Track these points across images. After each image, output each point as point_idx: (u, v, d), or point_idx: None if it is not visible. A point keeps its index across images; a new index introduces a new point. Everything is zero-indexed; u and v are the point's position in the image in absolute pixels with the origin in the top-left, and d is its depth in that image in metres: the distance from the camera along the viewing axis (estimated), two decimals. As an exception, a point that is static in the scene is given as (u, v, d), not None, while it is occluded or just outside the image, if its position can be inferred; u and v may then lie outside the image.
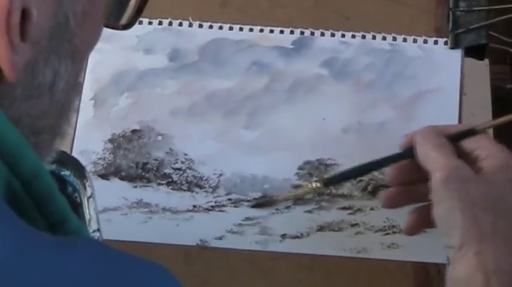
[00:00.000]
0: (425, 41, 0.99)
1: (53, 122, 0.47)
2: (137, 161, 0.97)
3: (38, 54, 0.42)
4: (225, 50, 1.01)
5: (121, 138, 0.98)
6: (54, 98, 0.45)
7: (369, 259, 0.92)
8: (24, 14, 0.40)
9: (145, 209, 0.95)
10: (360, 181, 0.95)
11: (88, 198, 0.83)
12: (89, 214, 0.82)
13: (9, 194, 0.42)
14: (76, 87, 0.47)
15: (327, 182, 0.88)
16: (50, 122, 0.46)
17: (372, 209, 0.94)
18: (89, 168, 0.97)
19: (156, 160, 0.97)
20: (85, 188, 0.83)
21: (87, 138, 0.98)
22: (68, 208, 0.48)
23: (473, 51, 1.00)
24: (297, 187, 0.95)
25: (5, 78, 0.40)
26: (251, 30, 1.01)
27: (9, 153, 0.41)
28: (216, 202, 0.95)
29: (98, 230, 0.83)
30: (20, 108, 0.43)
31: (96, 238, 0.83)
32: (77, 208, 0.82)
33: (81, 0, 0.45)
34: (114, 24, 0.51)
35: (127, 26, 0.52)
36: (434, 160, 0.75)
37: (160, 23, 1.02)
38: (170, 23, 1.02)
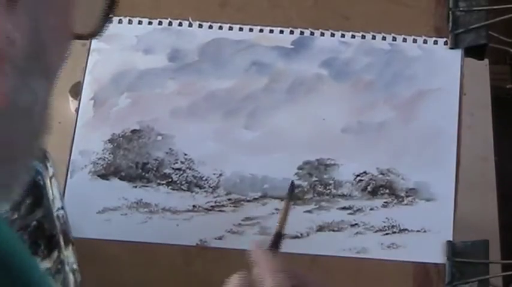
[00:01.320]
0: (425, 41, 0.99)
1: (27, 146, 0.45)
2: (137, 161, 0.97)
3: (17, 77, 0.40)
4: (225, 50, 1.01)
5: (121, 138, 0.98)
6: (32, 121, 0.43)
7: (369, 259, 0.92)
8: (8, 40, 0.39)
9: (145, 209, 0.95)
10: (360, 181, 0.95)
11: (50, 178, 0.84)
12: (52, 193, 0.84)
13: None
14: (49, 107, 0.46)
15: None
16: (24, 145, 0.44)
17: (371, 209, 0.94)
18: (89, 168, 0.97)
19: (156, 160, 0.97)
20: (47, 169, 0.84)
21: (87, 138, 0.98)
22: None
23: (473, 51, 0.99)
24: (296, 187, 0.95)
25: None
26: (251, 30, 1.01)
27: None
28: (216, 202, 0.95)
29: (62, 208, 0.84)
30: None
31: (61, 216, 0.83)
32: (41, 189, 0.82)
33: (56, 13, 0.43)
34: (81, 34, 0.49)
35: (94, 34, 0.50)
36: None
37: (160, 23, 1.02)
38: (170, 23, 1.02)
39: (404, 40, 1.00)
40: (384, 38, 1.00)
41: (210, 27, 1.02)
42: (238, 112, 0.98)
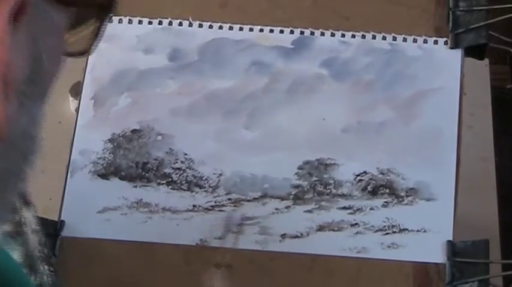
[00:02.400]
0: (425, 41, 0.99)
1: (20, 169, 0.44)
2: (137, 161, 0.97)
3: (18, 101, 0.39)
4: (225, 50, 1.01)
5: (121, 138, 0.98)
6: (28, 144, 0.43)
7: (369, 259, 0.92)
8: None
9: (145, 209, 0.95)
10: (360, 180, 0.95)
11: None
12: None
13: None
14: (40, 126, 0.45)
15: None
16: (18, 169, 0.44)
17: (371, 209, 0.94)
18: (89, 168, 0.97)
19: (156, 159, 0.97)
20: None
21: (87, 138, 0.98)
22: None
23: (473, 51, 0.99)
24: (296, 186, 0.95)
25: None
26: (251, 30, 1.01)
27: None
28: (216, 202, 0.95)
29: None
30: None
31: None
32: None
33: (53, 32, 0.42)
34: (71, 52, 0.48)
35: (84, 52, 0.50)
36: None
37: (160, 23, 1.02)
38: (170, 23, 1.02)
39: (405, 40, 1.00)
40: (384, 38, 1.00)
41: (210, 27, 1.02)
42: (238, 112, 0.98)
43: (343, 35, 1.00)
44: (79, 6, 0.44)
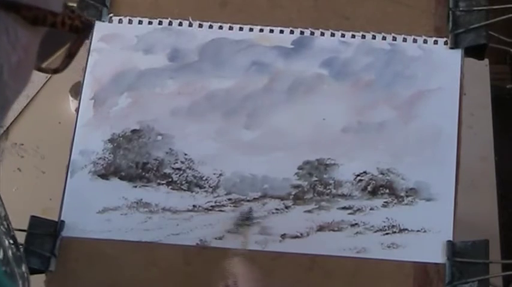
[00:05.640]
0: (425, 41, 0.99)
1: None
2: (137, 161, 0.97)
3: None
4: (225, 50, 1.01)
5: (121, 138, 0.98)
6: None
7: (369, 259, 0.92)
8: None
9: (145, 209, 0.95)
10: (360, 180, 0.95)
11: None
12: None
13: None
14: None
15: None
16: None
17: (371, 209, 0.94)
18: (89, 168, 0.97)
19: (156, 159, 0.97)
20: None
21: (87, 138, 0.98)
22: None
23: (473, 51, 0.99)
24: (296, 187, 0.95)
25: None
26: (251, 30, 1.01)
27: None
28: (216, 202, 0.95)
29: None
30: None
31: None
32: None
33: (17, 51, 0.43)
34: (44, 68, 0.49)
35: (57, 70, 0.50)
36: None
37: (160, 23, 1.02)
38: (170, 23, 1.02)
39: (404, 40, 1.00)
40: (384, 38, 1.00)
41: (210, 27, 1.02)
42: (238, 112, 0.98)
43: (343, 35, 1.00)
44: (46, 26, 0.44)
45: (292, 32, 1.01)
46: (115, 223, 0.95)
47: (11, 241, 0.69)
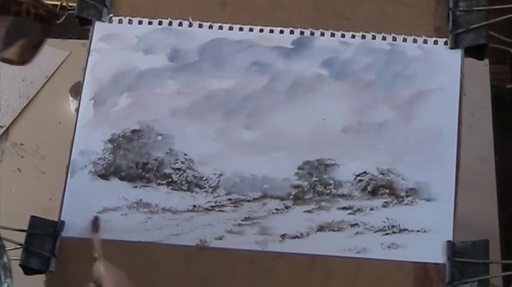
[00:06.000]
0: (425, 41, 0.99)
1: None
2: (137, 161, 0.97)
3: None
4: (225, 50, 1.01)
5: (121, 139, 0.98)
6: None
7: (369, 259, 0.92)
8: None
9: (145, 209, 0.95)
10: (360, 181, 0.95)
11: None
12: None
13: None
14: None
15: None
16: None
17: (371, 209, 0.94)
18: (89, 168, 0.97)
19: (156, 160, 0.97)
20: None
21: (87, 138, 0.98)
22: None
23: (473, 51, 0.99)
24: (296, 187, 0.95)
25: None
26: (251, 30, 1.01)
27: None
28: (216, 202, 0.95)
29: None
30: None
31: None
32: None
33: None
34: (9, 59, 0.48)
35: (23, 62, 0.49)
36: None
37: (160, 23, 1.02)
38: (170, 23, 1.02)
39: (404, 40, 1.00)
40: (384, 38, 1.00)
41: (210, 27, 1.02)
42: (238, 112, 0.98)
43: (343, 35, 1.00)
44: (10, 15, 0.44)
45: (292, 32, 1.01)
46: (115, 223, 0.95)
47: None
